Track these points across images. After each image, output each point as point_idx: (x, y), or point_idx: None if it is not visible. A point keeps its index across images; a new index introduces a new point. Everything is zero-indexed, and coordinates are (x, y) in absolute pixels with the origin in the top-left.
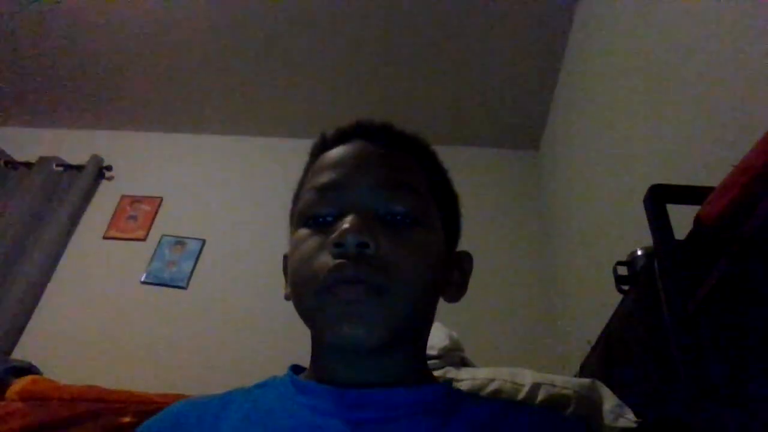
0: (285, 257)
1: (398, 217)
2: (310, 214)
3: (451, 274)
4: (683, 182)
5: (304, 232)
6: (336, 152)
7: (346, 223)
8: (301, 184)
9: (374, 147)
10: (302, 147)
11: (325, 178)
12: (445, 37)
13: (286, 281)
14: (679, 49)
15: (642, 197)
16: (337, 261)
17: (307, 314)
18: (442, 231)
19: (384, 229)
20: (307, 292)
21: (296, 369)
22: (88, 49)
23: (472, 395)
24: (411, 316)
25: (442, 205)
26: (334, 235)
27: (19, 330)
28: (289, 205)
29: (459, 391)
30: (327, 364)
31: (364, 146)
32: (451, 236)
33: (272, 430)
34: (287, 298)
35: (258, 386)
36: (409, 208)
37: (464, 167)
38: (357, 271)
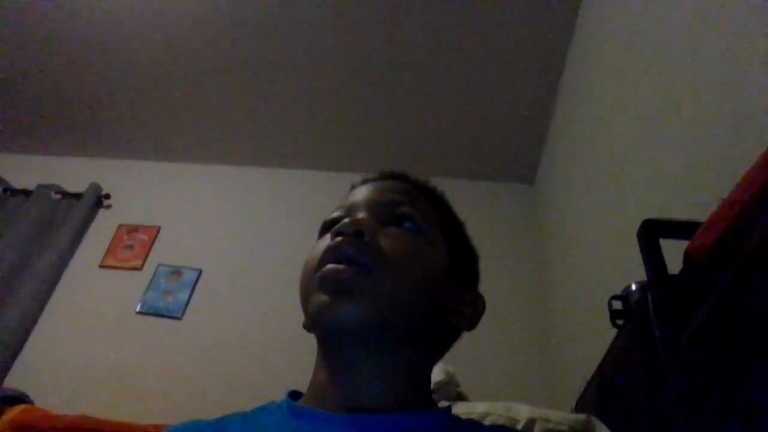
0: None
1: (400, 225)
2: (328, 224)
3: (462, 309)
4: (678, 216)
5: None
6: (359, 188)
7: (347, 218)
8: None
9: (391, 181)
10: (300, 178)
11: (346, 203)
12: (441, 71)
13: None
14: (673, 83)
15: (636, 231)
16: (334, 241)
17: (306, 304)
18: (446, 253)
19: (384, 228)
20: (308, 281)
21: (295, 395)
22: (87, 78)
23: (473, 422)
24: (402, 308)
25: (451, 240)
26: (335, 228)
27: (12, 358)
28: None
29: (460, 418)
30: (326, 385)
31: (383, 181)
32: (461, 274)
33: None
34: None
35: (255, 411)
36: (411, 222)
37: (459, 200)
38: (352, 251)
